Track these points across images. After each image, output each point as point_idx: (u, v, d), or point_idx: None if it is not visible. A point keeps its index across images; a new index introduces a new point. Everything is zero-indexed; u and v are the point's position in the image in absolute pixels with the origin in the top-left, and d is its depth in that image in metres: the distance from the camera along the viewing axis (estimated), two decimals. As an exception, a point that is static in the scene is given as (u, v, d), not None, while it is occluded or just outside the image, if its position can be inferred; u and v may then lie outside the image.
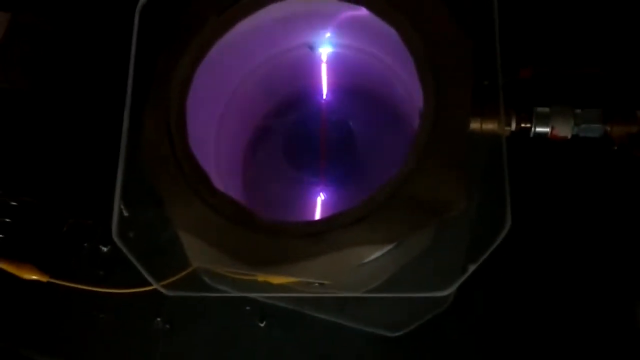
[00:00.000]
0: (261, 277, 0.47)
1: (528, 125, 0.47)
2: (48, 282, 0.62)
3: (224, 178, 0.56)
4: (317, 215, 0.55)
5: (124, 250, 0.43)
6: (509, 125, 0.47)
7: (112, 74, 0.56)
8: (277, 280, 0.48)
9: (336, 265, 0.43)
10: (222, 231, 0.44)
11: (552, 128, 0.47)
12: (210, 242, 0.44)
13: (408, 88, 0.54)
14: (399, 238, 0.43)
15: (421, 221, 0.43)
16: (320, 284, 0.47)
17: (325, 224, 0.44)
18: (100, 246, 0.69)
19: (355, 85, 0.61)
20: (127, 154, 0.49)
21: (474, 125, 0.46)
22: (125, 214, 0.69)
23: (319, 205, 0.56)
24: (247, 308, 0.65)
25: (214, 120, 0.55)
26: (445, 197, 0.43)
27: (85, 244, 0.69)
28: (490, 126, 0.46)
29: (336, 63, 0.58)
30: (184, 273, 0.48)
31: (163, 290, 0.45)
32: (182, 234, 0.45)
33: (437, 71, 0.45)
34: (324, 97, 0.58)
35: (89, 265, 0.68)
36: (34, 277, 0.61)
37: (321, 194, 0.57)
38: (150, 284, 0.50)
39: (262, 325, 0.64)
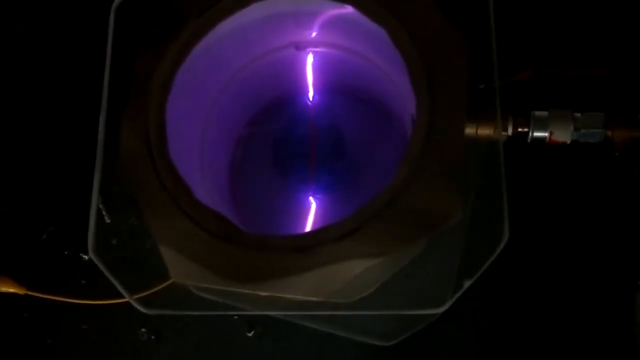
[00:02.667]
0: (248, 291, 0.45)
1: (525, 129, 0.45)
2: (26, 295, 0.60)
3: (209, 187, 0.54)
4: (308, 225, 0.53)
5: (100, 265, 0.41)
6: (506, 130, 0.45)
7: (88, 76, 0.53)
8: (264, 293, 0.46)
9: (326, 280, 0.41)
10: (204, 246, 0.42)
11: (551, 133, 0.45)
12: (192, 257, 0.42)
13: (400, 90, 0.52)
14: (393, 251, 0.41)
15: (416, 233, 0.41)
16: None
17: (314, 237, 0.42)
18: (82, 254, 0.66)
19: (344, 86, 0.59)
20: (104, 162, 0.46)
21: (470, 130, 0.44)
22: (108, 220, 0.68)
23: (310, 214, 0.53)
24: (235, 317, 0.63)
25: (197, 127, 0.53)
26: (441, 208, 0.41)
27: (66, 252, 0.67)
28: (486, 131, 0.44)
29: (324, 64, 0.55)
30: (161, 286, 0.46)
31: (139, 307, 0.42)
32: (162, 249, 0.43)
33: (431, 74, 0.43)
34: (312, 99, 0.56)
35: (70, 274, 0.66)
36: (11, 290, 0.59)
37: (312, 200, 0.54)
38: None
39: (250, 335, 0.62)
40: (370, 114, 0.58)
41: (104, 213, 0.66)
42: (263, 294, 0.44)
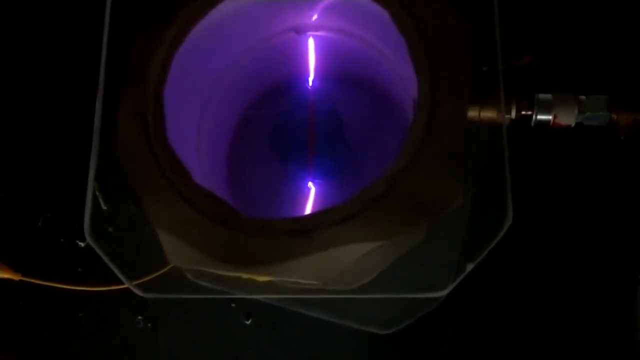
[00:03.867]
0: (245, 275, 0.44)
1: (529, 113, 0.45)
2: (20, 281, 0.59)
3: (207, 173, 0.53)
4: (307, 211, 0.53)
5: (96, 249, 0.40)
6: (509, 113, 0.44)
7: (84, 62, 0.52)
8: (262, 278, 0.45)
9: (326, 264, 0.40)
10: (202, 230, 0.41)
11: (555, 116, 0.44)
12: (190, 241, 0.41)
13: (401, 74, 0.51)
14: (394, 236, 0.41)
15: (417, 218, 0.40)
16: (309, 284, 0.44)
17: (314, 220, 0.41)
18: (78, 241, 0.66)
19: (344, 71, 0.58)
20: (100, 145, 0.45)
21: (472, 113, 0.43)
22: (104, 207, 0.67)
23: (309, 200, 0.53)
24: (233, 305, 0.62)
25: (195, 112, 0.52)
26: (443, 192, 0.40)
27: (62, 240, 0.66)
28: (489, 114, 0.43)
29: (324, 48, 0.54)
30: (159, 272, 0.45)
31: (137, 291, 0.42)
32: (160, 233, 0.42)
33: (433, 56, 0.42)
34: (312, 84, 0.55)
35: (66, 261, 0.65)
36: (6, 276, 0.59)
37: (311, 186, 0.54)
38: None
39: (248, 323, 0.62)
40: (370, 99, 0.58)
41: (100, 200, 0.66)
42: (261, 278, 0.43)
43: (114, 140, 0.45)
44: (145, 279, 0.45)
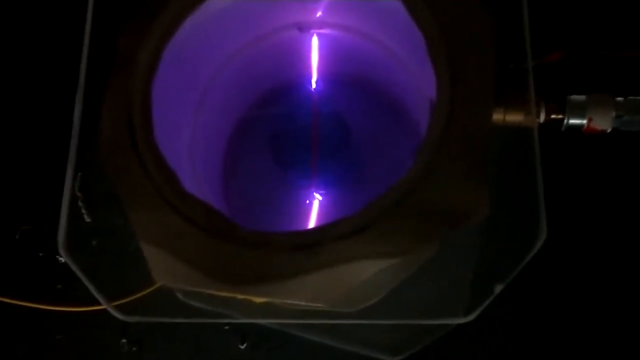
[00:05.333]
0: (241, 296, 0.39)
1: (560, 116, 0.41)
2: (-6, 300, 0.54)
3: (201, 180, 0.49)
4: (311, 223, 0.49)
5: (71, 264, 0.37)
6: (537, 116, 0.40)
7: (64, 59, 0.48)
8: (260, 299, 0.40)
9: (332, 283, 0.37)
10: (193, 243, 0.38)
11: (589, 120, 0.40)
12: (179, 256, 0.38)
13: (414, 75, 0.47)
14: (409, 251, 0.37)
15: (435, 231, 0.37)
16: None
17: (318, 234, 0.37)
18: (58, 256, 0.61)
19: (351, 73, 0.54)
20: (83, 149, 0.41)
21: (497, 116, 0.40)
22: (88, 219, 0.63)
23: (312, 212, 0.49)
24: (226, 327, 0.58)
25: (188, 113, 0.48)
26: (463, 204, 0.36)
27: (40, 254, 0.62)
28: (515, 118, 0.39)
29: (329, 47, 0.51)
30: (144, 292, 0.41)
31: (117, 314, 0.37)
32: (145, 247, 0.38)
33: (453, 53, 0.38)
34: (315, 86, 0.51)
35: (45, 278, 0.61)
36: (-22, 295, 0.53)
37: (315, 196, 0.50)
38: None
39: (243, 347, 0.57)
40: (378, 102, 0.54)
41: (83, 211, 0.61)
42: (259, 299, 0.39)
43: (96, 142, 0.41)
44: (125, 300, 0.40)
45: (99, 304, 0.52)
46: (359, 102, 0.54)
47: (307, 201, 0.50)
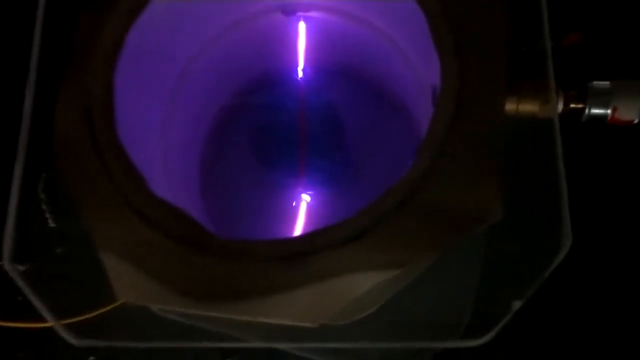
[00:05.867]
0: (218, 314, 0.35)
1: (580, 105, 0.37)
2: (-57, 316, 0.50)
3: (174, 183, 0.45)
4: (298, 229, 0.45)
5: (14, 277, 0.34)
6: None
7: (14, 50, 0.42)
8: (241, 318, 0.36)
9: (323, 300, 0.32)
10: (162, 254, 0.34)
11: (614, 109, 0.36)
12: (145, 268, 0.33)
13: (414, 65, 0.43)
14: (412, 261, 0.33)
15: (440, 238, 0.32)
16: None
17: (307, 242, 0.33)
18: (17, 265, 0.55)
19: (342, 61, 0.50)
20: (38, 148, 0.36)
21: (509, 106, 0.35)
22: (52, 224, 0.58)
23: (299, 216, 0.44)
24: (206, 342, 0.52)
25: (158, 107, 0.44)
26: (473, 205, 0.32)
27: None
28: (529, 107, 0.35)
29: (318, 33, 0.46)
30: (101, 310, 0.37)
31: (66, 335, 0.33)
32: (105, 258, 0.34)
33: (460, 34, 0.34)
34: (302, 75, 0.47)
35: (3, 290, 0.55)
36: None
37: (303, 198, 0.46)
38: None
39: (224, 364, 0.52)
40: (373, 94, 0.49)
41: (47, 215, 0.56)
42: (240, 318, 0.34)
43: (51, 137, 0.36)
44: (78, 318, 0.36)
45: (65, 318, 0.48)
46: (351, 94, 0.50)
47: (294, 203, 0.46)
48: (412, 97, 0.46)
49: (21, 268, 0.56)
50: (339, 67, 0.49)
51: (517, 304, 0.29)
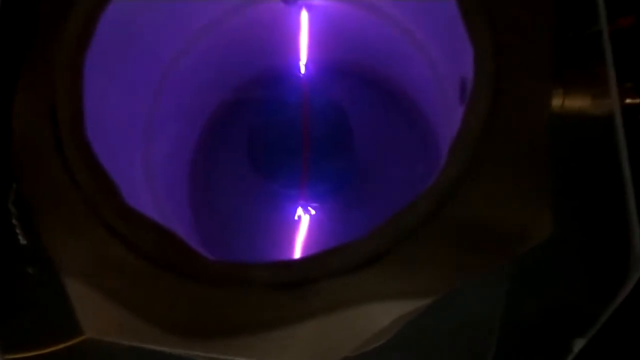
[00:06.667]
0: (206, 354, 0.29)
1: (637, 101, 0.31)
2: None
3: (158, 196, 0.40)
4: (297, 248, 0.39)
5: None
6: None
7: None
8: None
9: (333, 337, 0.27)
10: (137, 280, 0.29)
11: None
12: (117, 297, 0.29)
13: (432, 60, 0.38)
14: (441, 290, 0.27)
15: (477, 262, 0.27)
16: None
17: (314, 266, 0.28)
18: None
19: (350, 55, 0.45)
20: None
21: (553, 101, 0.30)
22: (23, 241, 0.53)
23: (301, 232, 0.39)
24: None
25: (139, 106, 0.39)
26: (516, 221, 0.27)
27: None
28: (578, 102, 0.30)
29: (322, 23, 0.41)
30: (62, 346, 0.32)
31: None
32: (69, 283, 0.29)
33: (496, 16, 0.29)
34: (305, 71, 0.42)
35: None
36: None
37: (306, 211, 0.41)
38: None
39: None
40: (384, 94, 0.45)
41: (18, 231, 0.51)
42: (233, 358, 0.29)
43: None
44: (30, 354, 0.35)
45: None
46: (359, 93, 0.46)
47: (296, 217, 0.40)
48: (429, 98, 0.41)
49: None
50: (346, 62, 0.45)
51: (579, 343, 0.24)
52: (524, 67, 0.28)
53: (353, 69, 0.45)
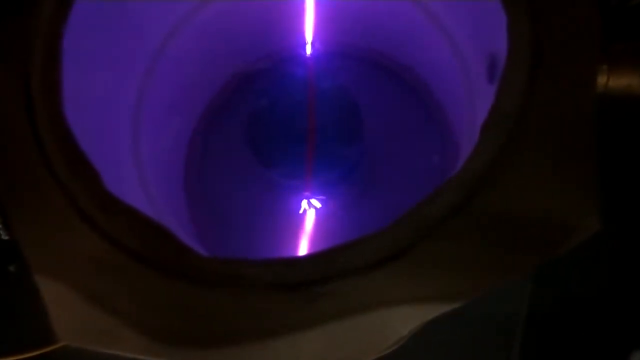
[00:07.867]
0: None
1: None
2: None
3: (150, 188, 0.37)
4: (302, 244, 0.36)
5: None
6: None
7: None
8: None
9: (345, 346, 0.24)
10: (123, 280, 0.25)
11: None
12: (98, 300, 0.25)
13: (456, 44, 0.35)
14: (472, 292, 0.24)
15: (514, 260, 0.24)
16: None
17: (323, 264, 0.24)
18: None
19: (359, 39, 0.42)
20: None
21: (598, 80, 0.26)
22: (5, 237, 0.50)
23: (307, 226, 0.37)
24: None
25: (127, 88, 0.36)
26: (560, 214, 0.24)
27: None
28: (624, 81, 0.27)
29: (330, 2, 0.38)
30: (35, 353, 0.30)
31: None
32: (43, 284, 0.26)
33: None
34: (311, 53, 0.39)
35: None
36: None
37: (312, 204, 0.37)
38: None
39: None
40: (397, 80, 0.42)
41: None
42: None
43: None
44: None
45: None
46: (370, 78, 0.42)
47: (301, 211, 0.37)
48: (449, 87, 0.38)
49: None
50: (356, 43, 0.42)
51: (637, 355, 0.20)
52: (565, 36, 0.25)
53: (362, 49, 0.42)
